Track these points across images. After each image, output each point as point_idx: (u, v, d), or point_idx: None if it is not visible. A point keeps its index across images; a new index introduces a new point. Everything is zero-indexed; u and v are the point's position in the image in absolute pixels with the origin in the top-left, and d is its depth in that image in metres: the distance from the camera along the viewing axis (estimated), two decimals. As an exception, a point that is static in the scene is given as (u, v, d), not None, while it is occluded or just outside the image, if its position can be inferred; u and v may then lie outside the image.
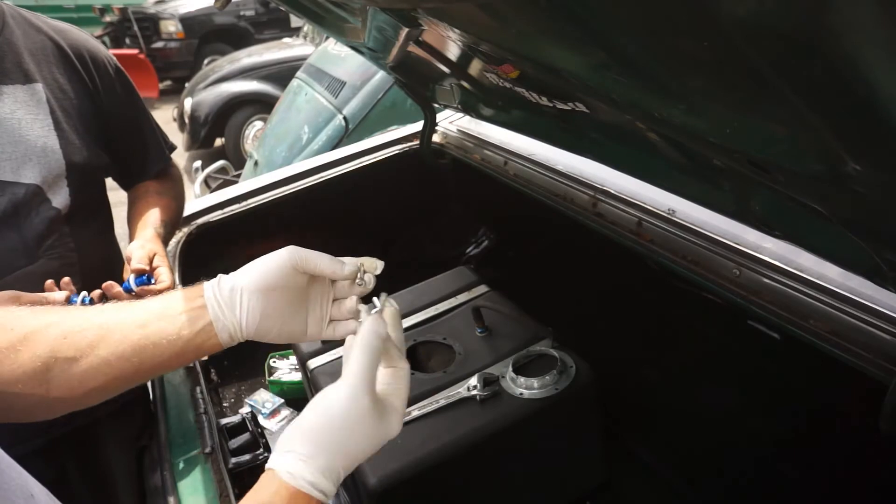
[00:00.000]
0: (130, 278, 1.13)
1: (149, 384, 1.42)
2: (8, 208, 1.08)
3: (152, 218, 1.31)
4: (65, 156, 1.14)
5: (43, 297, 1.01)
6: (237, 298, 0.73)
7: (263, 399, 1.91)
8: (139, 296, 1.10)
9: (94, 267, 1.21)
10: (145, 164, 1.39)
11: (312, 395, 1.55)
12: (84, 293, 1.05)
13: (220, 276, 0.76)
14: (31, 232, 1.11)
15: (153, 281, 1.14)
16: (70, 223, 1.16)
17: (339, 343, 1.57)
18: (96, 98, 1.23)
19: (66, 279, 1.08)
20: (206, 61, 8.45)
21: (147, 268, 1.15)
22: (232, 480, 1.12)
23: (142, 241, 1.22)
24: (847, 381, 1.03)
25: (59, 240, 1.15)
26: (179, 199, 1.45)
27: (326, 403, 0.69)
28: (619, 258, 1.52)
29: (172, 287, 1.16)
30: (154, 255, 1.19)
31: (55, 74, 1.17)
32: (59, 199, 1.14)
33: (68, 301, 1.02)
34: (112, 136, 1.27)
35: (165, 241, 1.32)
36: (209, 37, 9.16)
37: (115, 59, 1.30)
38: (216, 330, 0.73)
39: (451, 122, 2.19)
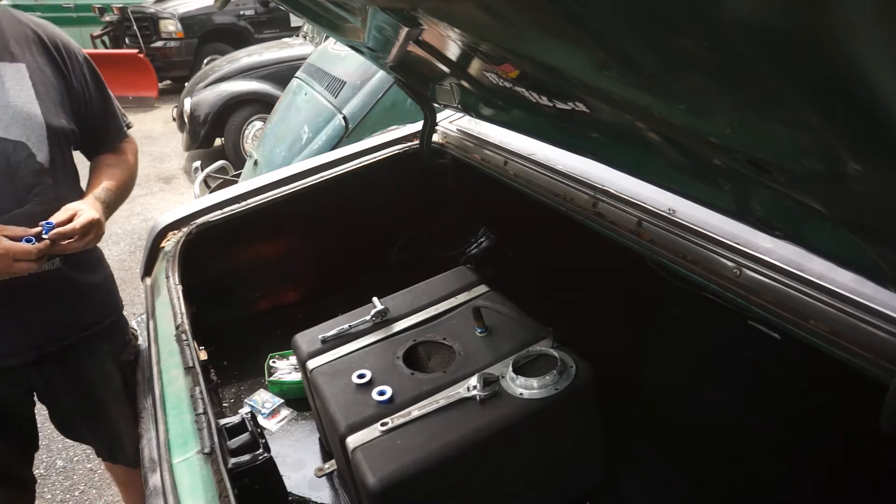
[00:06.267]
0: (44, 226, 1.37)
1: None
2: (0, 160, 1.31)
3: (98, 187, 1.55)
4: (45, 120, 1.37)
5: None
6: None
7: (263, 399, 1.91)
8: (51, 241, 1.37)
9: None
10: (107, 137, 1.63)
11: (312, 396, 1.55)
12: (31, 236, 1.32)
13: None
14: (20, 181, 1.34)
15: (52, 224, 1.37)
16: (51, 175, 1.39)
17: (340, 343, 1.57)
18: (68, 79, 1.46)
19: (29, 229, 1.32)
20: (205, 61, 8.43)
21: (52, 222, 1.38)
22: (231, 481, 1.12)
23: (72, 204, 1.43)
24: (847, 381, 1.03)
25: (43, 189, 1.38)
26: (130, 169, 1.69)
27: None
28: (619, 258, 1.52)
29: (72, 229, 1.37)
30: (75, 213, 1.40)
31: (35, 58, 1.40)
32: (42, 154, 1.37)
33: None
34: (80, 111, 1.49)
35: (110, 203, 1.55)
36: (209, 36, 9.14)
37: (83, 51, 1.54)
38: None
39: (451, 122, 2.19)
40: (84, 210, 1.41)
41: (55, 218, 1.38)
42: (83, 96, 1.49)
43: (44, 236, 1.36)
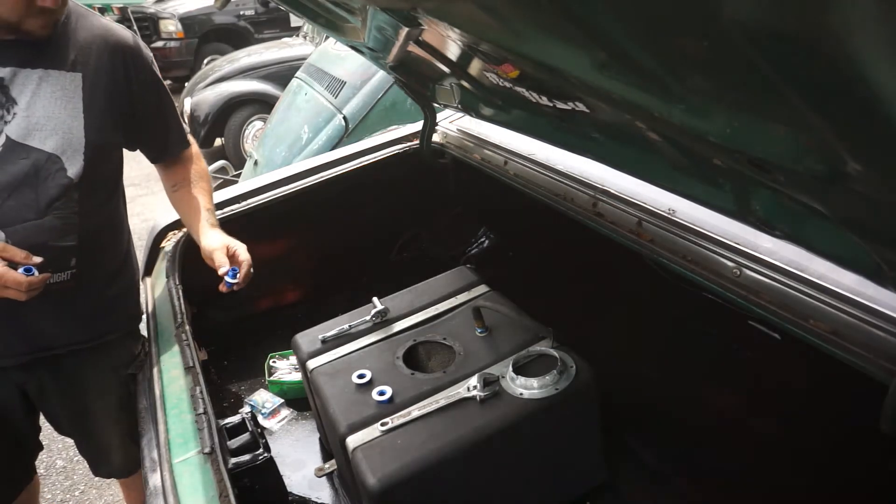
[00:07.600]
0: (227, 277, 1.42)
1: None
2: (30, 170, 1.30)
3: (204, 213, 1.57)
4: (86, 135, 1.35)
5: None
6: None
7: (263, 399, 1.91)
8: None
9: (93, 229, 1.42)
10: (167, 144, 1.61)
11: (312, 396, 1.55)
12: (31, 265, 1.25)
13: None
14: (44, 193, 1.32)
15: (238, 270, 1.44)
16: (79, 191, 1.36)
17: (340, 343, 1.58)
18: (128, 87, 1.43)
19: (33, 256, 1.27)
20: (205, 61, 8.41)
21: (228, 266, 1.43)
22: (231, 480, 1.12)
23: (216, 245, 1.48)
24: (847, 381, 1.03)
25: (67, 203, 1.35)
26: (210, 178, 1.71)
27: None
28: (619, 258, 1.52)
29: (248, 267, 1.46)
30: (226, 247, 1.47)
31: (95, 65, 1.38)
32: (74, 170, 1.34)
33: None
34: (139, 119, 1.48)
35: (218, 223, 1.60)
36: (209, 36, 9.13)
37: (153, 59, 1.51)
38: None
39: (451, 122, 2.19)
40: (235, 245, 1.49)
41: (220, 265, 1.43)
42: (143, 103, 1.47)
43: (231, 281, 1.41)
